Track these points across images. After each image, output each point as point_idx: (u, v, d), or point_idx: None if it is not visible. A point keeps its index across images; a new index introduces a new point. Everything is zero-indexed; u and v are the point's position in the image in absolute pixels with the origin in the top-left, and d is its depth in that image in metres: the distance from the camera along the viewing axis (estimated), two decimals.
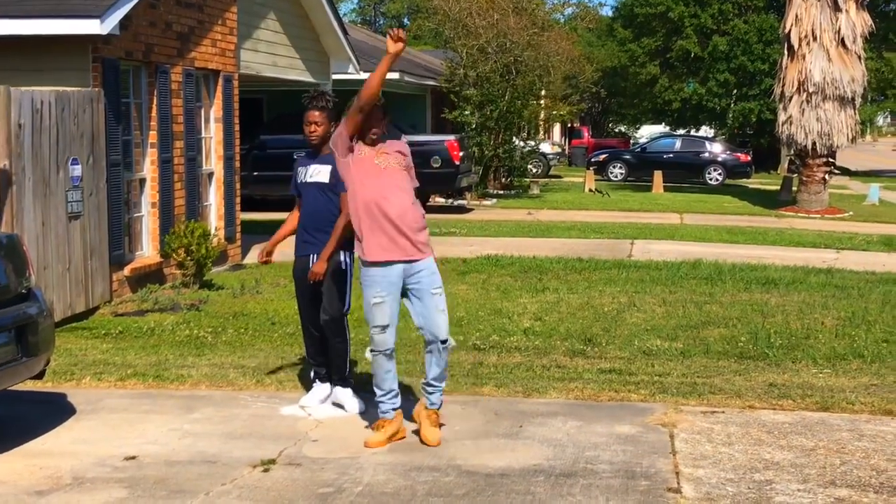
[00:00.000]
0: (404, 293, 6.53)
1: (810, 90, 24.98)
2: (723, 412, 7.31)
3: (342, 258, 7.15)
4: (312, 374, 7.50)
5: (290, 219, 7.51)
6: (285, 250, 7.73)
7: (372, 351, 6.55)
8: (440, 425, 6.68)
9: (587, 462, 6.20)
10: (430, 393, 6.66)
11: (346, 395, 7.30)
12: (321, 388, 7.38)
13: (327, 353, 7.32)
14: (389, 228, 6.39)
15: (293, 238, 7.46)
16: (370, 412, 6.94)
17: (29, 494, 5.64)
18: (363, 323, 6.82)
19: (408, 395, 7.25)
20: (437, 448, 6.43)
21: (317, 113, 7.20)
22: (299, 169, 7.35)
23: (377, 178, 6.43)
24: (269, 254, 7.49)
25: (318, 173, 7.21)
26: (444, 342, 6.54)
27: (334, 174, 7.07)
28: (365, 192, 6.41)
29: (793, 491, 5.73)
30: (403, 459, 6.25)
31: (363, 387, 7.36)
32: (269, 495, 5.66)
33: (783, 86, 25.64)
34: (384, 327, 6.45)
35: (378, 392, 6.60)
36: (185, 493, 5.68)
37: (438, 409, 6.69)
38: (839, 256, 16.45)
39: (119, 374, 8.31)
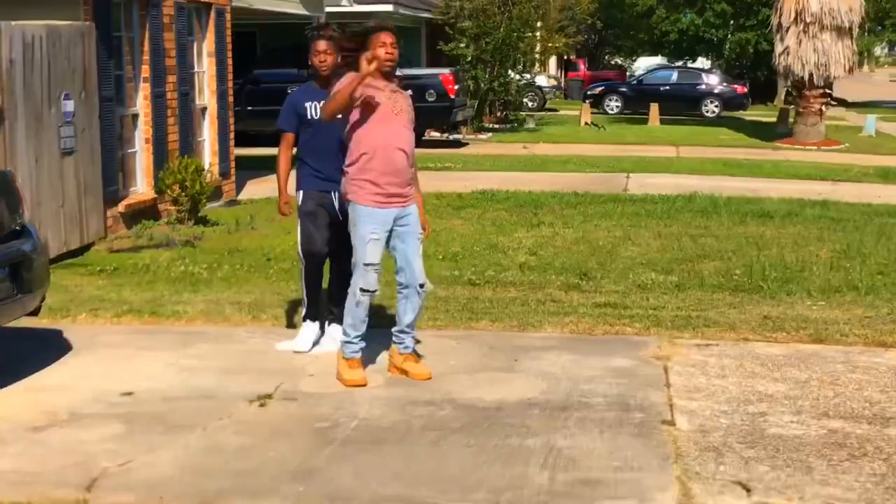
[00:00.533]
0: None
1: (807, 20, 24.73)
2: (717, 345, 7.34)
3: None
4: (304, 312, 7.28)
5: (285, 159, 7.20)
6: (274, 185, 7.58)
7: (362, 290, 6.36)
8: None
9: (582, 395, 6.23)
10: (404, 339, 6.59)
11: None
12: (311, 328, 7.24)
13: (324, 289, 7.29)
14: (394, 177, 6.31)
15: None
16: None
17: (26, 430, 5.66)
18: None
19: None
20: (431, 382, 6.45)
21: (324, 43, 7.00)
22: (307, 104, 7.03)
23: (390, 124, 6.30)
24: (288, 203, 7.25)
25: None
26: (421, 286, 6.51)
27: None
28: (377, 138, 6.26)
29: (786, 423, 5.76)
30: (399, 394, 6.27)
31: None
32: (266, 430, 5.69)
33: (780, 16, 25.39)
34: (377, 266, 6.39)
35: (352, 333, 6.45)
36: (181, 427, 5.71)
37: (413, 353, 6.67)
38: (835, 188, 16.44)
39: (115, 310, 8.32)
